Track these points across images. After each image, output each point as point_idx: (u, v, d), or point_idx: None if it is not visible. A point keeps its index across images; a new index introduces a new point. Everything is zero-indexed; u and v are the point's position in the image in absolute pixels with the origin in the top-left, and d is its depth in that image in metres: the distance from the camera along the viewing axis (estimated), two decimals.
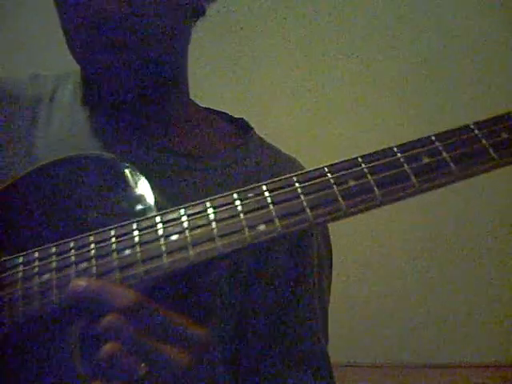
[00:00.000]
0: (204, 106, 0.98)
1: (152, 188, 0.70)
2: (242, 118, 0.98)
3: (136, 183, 0.71)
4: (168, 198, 0.72)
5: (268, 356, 0.86)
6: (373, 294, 1.93)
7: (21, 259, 0.67)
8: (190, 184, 0.85)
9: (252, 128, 0.96)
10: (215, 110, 0.99)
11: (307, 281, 0.89)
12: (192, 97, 0.96)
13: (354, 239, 1.90)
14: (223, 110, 0.99)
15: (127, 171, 0.72)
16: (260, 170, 0.90)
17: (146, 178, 0.71)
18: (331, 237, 0.98)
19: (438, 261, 1.93)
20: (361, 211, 0.61)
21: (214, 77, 1.92)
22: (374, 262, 1.94)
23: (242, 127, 0.96)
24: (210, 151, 0.90)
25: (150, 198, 0.69)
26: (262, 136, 0.97)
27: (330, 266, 0.97)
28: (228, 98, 1.94)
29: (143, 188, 0.70)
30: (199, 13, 0.89)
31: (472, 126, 0.62)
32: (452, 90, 1.89)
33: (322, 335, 0.91)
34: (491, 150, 0.60)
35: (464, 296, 1.92)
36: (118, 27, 0.78)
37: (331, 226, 0.98)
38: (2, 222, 0.73)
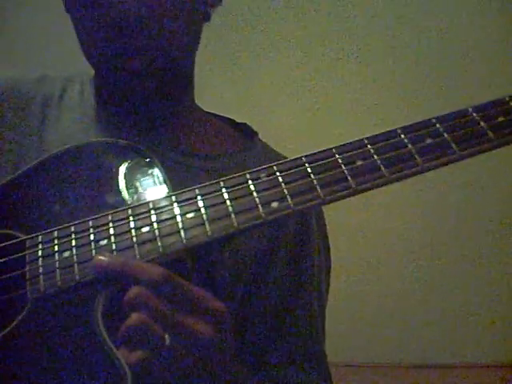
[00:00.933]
0: (203, 105, 0.99)
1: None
2: (246, 123, 0.98)
3: (151, 168, 0.74)
4: None
5: (268, 356, 0.86)
6: (373, 294, 1.93)
7: (40, 238, 0.69)
8: (195, 183, 0.86)
9: (256, 133, 0.97)
10: (219, 115, 0.99)
11: (308, 282, 0.90)
12: None
13: (354, 239, 1.90)
14: (227, 116, 1.00)
15: (142, 158, 0.75)
16: None
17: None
18: (331, 237, 0.98)
19: (438, 261, 1.93)
20: (369, 189, 0.63)
21: (214, 77, 1.92)
22: (373, 262, 1.93)
23: (246, 132, 0.97)
24: (216, 153, 0.91)
25: (166, 182, 0.72)
26: (262, 136, 0.98)
27: (329, 267, 0.97)
28: (228, 98, 1.94)
29: (158, 173, 0.73)
30: (205, 18, 0.90)
31: (470, 110, 0.65)
32: (452, 89, 1.89)
33: (322, 335, 0.91)
34: (489, 132, 0.63)
35: (464, 296, 1.92)
36: (136, 31, 0.79)
37: (331, 226, 0.98)
38: (21, 205, 0.74)
